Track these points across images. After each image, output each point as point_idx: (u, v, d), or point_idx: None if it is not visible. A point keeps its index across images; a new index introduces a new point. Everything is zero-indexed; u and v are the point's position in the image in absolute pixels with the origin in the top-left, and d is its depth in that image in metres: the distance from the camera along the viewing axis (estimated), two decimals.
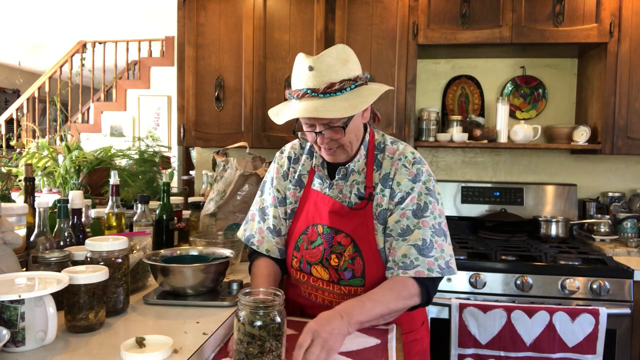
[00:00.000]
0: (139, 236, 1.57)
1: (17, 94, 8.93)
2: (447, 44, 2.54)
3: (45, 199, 1.95)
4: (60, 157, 2.51)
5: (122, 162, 2.60)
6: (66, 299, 1.13)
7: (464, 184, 2.86)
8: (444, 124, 2.91)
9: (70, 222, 1.54)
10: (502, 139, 2.67)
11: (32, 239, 1.39)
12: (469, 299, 2.17)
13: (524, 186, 2.81)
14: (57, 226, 1.46)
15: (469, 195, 2.84)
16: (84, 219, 1.68)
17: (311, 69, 1.23)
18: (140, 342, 1.01)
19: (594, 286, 2.13)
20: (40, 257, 1.25)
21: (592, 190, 2.86)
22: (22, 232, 1.43)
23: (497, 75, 2.94)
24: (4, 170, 2.16)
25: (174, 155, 4.16)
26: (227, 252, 1.49)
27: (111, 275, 1.20)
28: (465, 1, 2.49)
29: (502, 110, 2.67)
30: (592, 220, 2.65)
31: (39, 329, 1.02)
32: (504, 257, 2.28)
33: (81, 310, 1.12)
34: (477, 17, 2.50)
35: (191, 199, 2.24)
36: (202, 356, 1.07)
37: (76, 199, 1.61)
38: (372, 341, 1.21)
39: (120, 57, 6.72)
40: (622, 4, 2.39)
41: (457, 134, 2.68)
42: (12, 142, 3.65)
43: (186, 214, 2.16)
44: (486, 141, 2.65)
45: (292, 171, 1.48)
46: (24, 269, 1.36)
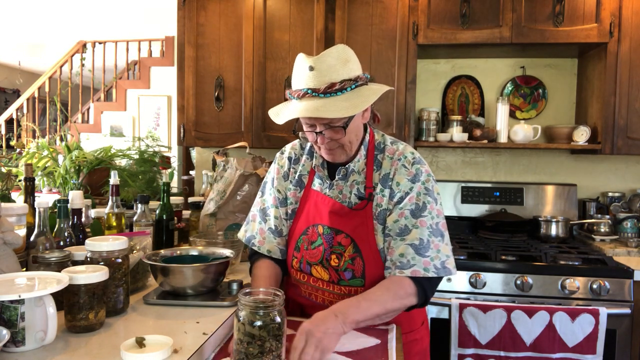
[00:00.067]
0: (139, 236, 1.57)
1: (17, 94, 8.93)
2: (447, 44, 2.54)
3: (45, 199, 1.95)
4: (60, 157, 2.51)
5: (122, 162, 2.60)
6: (66, 299, 1.13)
7: (464, 184, 2.86)
8: (444, 124, 2.91)
9: (70, 222, 1.54)
10: (502, 139, 2.67)
11: (32, 239, 1.39)
12: (469, 299, 2.17)
13: (524, 186, 2.81)
14: (57, 226, 1.46)
15: (469, 195, 2.84)
16: (84, 219, 1.68)
17: (312, 69, 1.23)
18: (140, 342, 1.01)
19: (594, 286, 2.13)
20: (40, 257, 1.25)
21: (592, 190, 2.86)
22: (22, 232, 1.43)
23: (497, 75, 2.94)
24: (4, 170, 2.16)
25: (174, 155, 4.16)
26: (227, 252, 1.49)
27: (111, 275, 1.19)
28: (465, 1, 2.49)
29: (502, 110, 2.67)
30: (592, 220, 2.65)
31: (39, 329, 1.02)
32: (504, 257, 2.28)
33: (81, 310, 1.12)
34: (477, 17, 2.50)
35: (191, 199, 2.24)
36: (202, 356, 1.07)
37: (76, 199, 1.61)
38: (372, 341, 1.21)
39: (120, 57, 6.73)
40: (622, 4, 2.39)
41: (457, 134, 2.68)
42: (12, 142, 3.65)
43: (186, 214, 2.16)
44: (486, 141, 2.65)
45: (293, 172, 1.48)
46: (24, 269, 1.36)
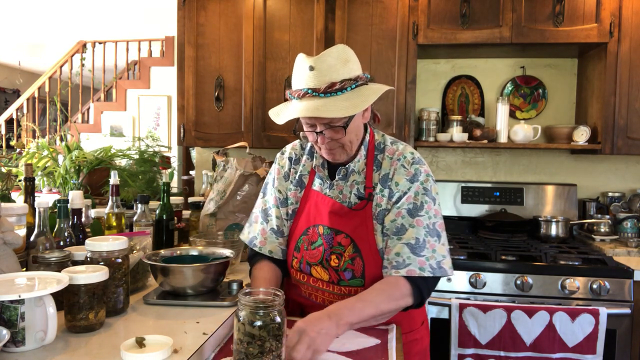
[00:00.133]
0: (139, 236, 1.57)
1: (17, 94, 8.93)
2: (447, 44, 2.54)
3: (45, 199, 1.95)
4: (60, 157, 2.51)
5: (122, 162, 2.60)
6: (66, 299, 1.13)
7: (464, 184, 2.86)
8: (444, 124, 2.91)
9: (70, 222, 1.54)
10: (502, 139, 2.67)
11: (32, 239, 1.39)
12: (469, 299, 2.17)
13: (524, 186, 2.81)
14: (57, 226, 1.46)
15: (469, 195, 2.84)
16: (84, 219, 1.68)
17: (312, 68, 1.23)
18: (140, 342, 1.01)
19: (594, 286, 2.13)
20: (40, 257, 1.25)
21: (592, 190, 2.86)
22: (22, 232, 1.43)
23: (497, 75, 2.94)
24: (4, 170, 2.16)
25: (174, 155, 4.16)
26: (227, 252, 1.49)
27: (111, 275, 1.19)
28: (465, 1, 2.49)
29: (502, 110, 2.67)
30: (592, 220, 2.65)
31: (39, 329, 1.02)
32: (504, 257, 2.28)
33: (81, 310, 1.12)
34: (477, 17, 2.50)
35: (191, 199, 2.24)
36: (202, 356, 1.07)
37: (76, 199, 1.61)
38: (372, 341, 1.21)
39: (120, 57, 6.72)
40: (622, 4, 2.39)
41: (457, 134, 2.68)
42: (12, 142, 3.65)
43: (186, 214, 2.16)
44: (486, 141, 2.65)
45: (293, 172, 1.48)
46: (24, 269, 1.36)
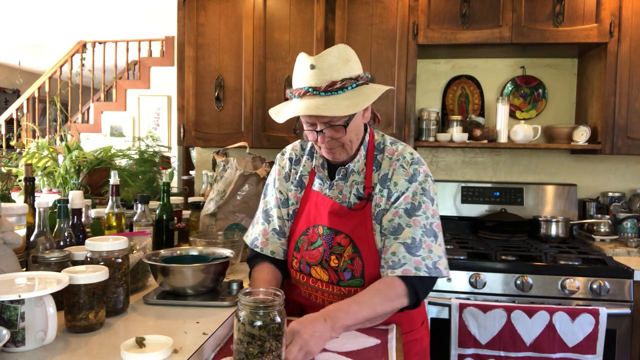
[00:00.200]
0: (139, 236, 1.57)
1: (17, 94, 8.93)
2: (447, 44, 2.54)
3: (45, 199, 1.95)
4: (60, 157, 2.51)
5: (122, 162, 2.59)
6: (66, 299, 1.13)
7: (464, 184, 2.86)
8: (444, 124, 2.91)
9: (70, 222, 1.54)
10: (502, 139, 2.66)
11: (32, 239, 1.39)
12: (469, 299, 2.17)
13: (524, 186, 2.81)
14: (57, 226, 1.45)
15: (469, 195, 2.84)
16: (84, 219, 1.68)
17: (313, 67, 1.24)
18: (140, 342, 1.01)
19: (594, 286, 2.13)
20: (40, 257, 1.25)
21: (592, 190, 2.86)
22: (22, 232, 1.42)
23: (497, 75, 2.94)
24: (4, 170, 2.16)
25: (174, 155, 4.15)
26: (227, 252, 1.49)
27: (111, 275, 1.19)
28: (465, 1, 2.49)
29: (502, 110, 2.67)
30: (592, 220, 2.65)
31: (39, 329, 1.02)
32: (504, 257, 2.28)
33: (81, 310, 1.11)
34: (477, 17, 2.50)
35: (191, 199, 2.23)
36: (202, 356, 1.07)
37: (76, 199, 1.61)
38: (372, 341, 1.21)
39: (120, 57, 6.72)
40: (622, 4, 2.39)
41: (457, 134, 2.68)
42: (12, 142, 3.65)
43: (186, 214, 2.16)
44: (486, 141, 2.65)
45: (294, 172, 1.48)
46: (24, 269, 1.36)
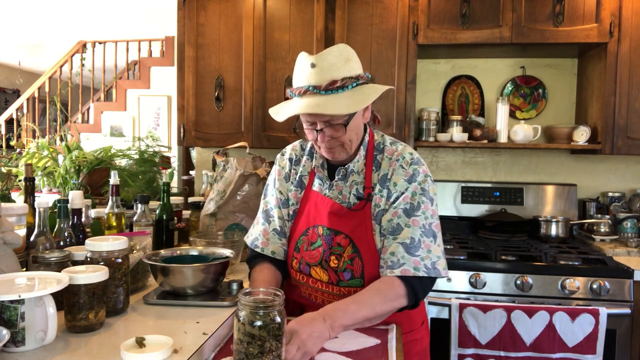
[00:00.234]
0: (139, 236, 1.57)
1: (17, 94, 8.93)
2: (447, 44, 2.54)
3: (45, 199, 1.95)
4: (60, 157, 2.51)
5: (122, 162, 2.60)
6: (66, 299, 1.13)
7: (464, 184, 2.86)
8: (444, 124, 2.91)
9: (70, 222, 1.54)
10: (502, 139, 2.66)
11: (32, 239, 1.39)
12: (469, 299, 2.17)
13: (524, 186, 2.81)
14: (57, 226, 1.45)
15: (469, 195, 2.84)
16: (84, 219, 1.68)
17: (313, 66, 1.24)
18: (140, 342, 1.01)
19: (594, 286, 2.13)
20: (40, 257, 1.25)
21: (592, 190, 2.86)
22: (22, 232, 1.42)
23: (497, 75, 2.94)
24: (4, 170, 2.16)
25: (174, 155, 4.15)
26: (227, 252, 1.49)
27: (111, 275, 1.19)
28: (465, 1, 2.49)
29: (502, 110, 2.67)
30: (592, 220, 2.65)
31: (39, 329, 1.02)
32: (504, 257, 2.28)
33: (81, 310, 1.11)
34: (477, 17, 2.50)
35: (191, 199, 2.24)
36: (202, 356, 1.07)
37: (76, 199, 1.61)
38: (372, 341, 1.21)
39: (120, 57, 6.73)
40: (622, 4, 2.39)
41: (457, 134, 2.68)
42: (12, 142, 3.65)
43: (186, 214, 2.16)
44: (486, 141, 2.65)
45: (294, 173, 1.48)
46: (24, 269, 1.36)
